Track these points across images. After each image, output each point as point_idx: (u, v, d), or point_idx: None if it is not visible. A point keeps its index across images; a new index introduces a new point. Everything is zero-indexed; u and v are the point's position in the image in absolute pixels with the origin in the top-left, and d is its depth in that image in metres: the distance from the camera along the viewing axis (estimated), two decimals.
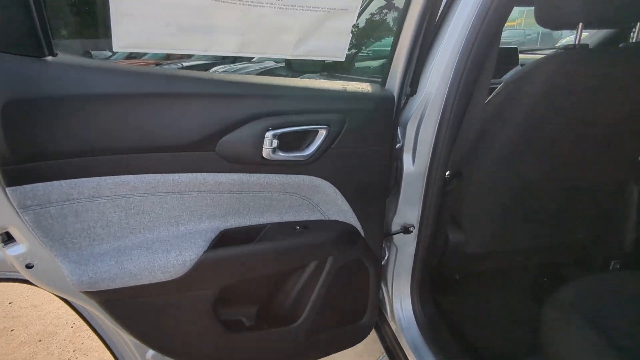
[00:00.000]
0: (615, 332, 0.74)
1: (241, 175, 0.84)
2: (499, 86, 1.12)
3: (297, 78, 0.88)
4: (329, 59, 0.90)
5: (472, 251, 1.27)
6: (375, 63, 2.30)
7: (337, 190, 0.95)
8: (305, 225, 0.95)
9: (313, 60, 1.74)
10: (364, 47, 2.37)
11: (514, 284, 1.52)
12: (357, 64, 2.31)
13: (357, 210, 0.99)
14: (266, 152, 0.83)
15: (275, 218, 0.94)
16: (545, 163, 1.10)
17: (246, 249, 0.86)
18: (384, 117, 0.94)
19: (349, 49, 0.90)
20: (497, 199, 1.18)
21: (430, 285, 1.25)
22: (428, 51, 0.96)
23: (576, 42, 0.96)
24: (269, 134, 0.82)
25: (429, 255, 1.18)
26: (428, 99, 0.97)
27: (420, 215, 1.11)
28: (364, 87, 0.94)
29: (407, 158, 1.05)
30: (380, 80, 1.02)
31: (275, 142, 0.83)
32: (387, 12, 2.20)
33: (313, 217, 0.97)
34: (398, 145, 1.03)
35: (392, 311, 1.25)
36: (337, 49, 0.88)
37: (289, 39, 0.82)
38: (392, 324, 1.26)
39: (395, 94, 0.96)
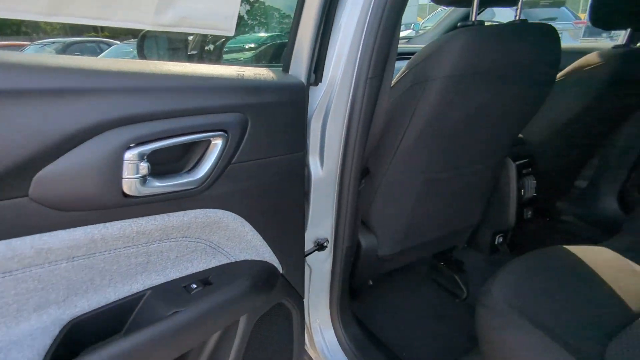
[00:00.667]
0: (555, 323, 0.70)
1: (87, 229, 0.49)
2: (402, 69, 1.00)
3: (170, 62, 0.55)
4: (212, 32, 0.61)
5: (385, 253, 1.17)
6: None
7: (245, 221, 0.67)
8: (206, 278, 0.65)
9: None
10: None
11: (423, 278, 1.51)
12: None
13: (273, 240, 0.74)
14: (129, 184, 0.50)
15: (157, 279, 0.61)
16: (449, 151, 1.05)
17: (114, 350, 0.51)
18: (296, 112, 0.70)
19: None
20: (406, 195, 1.09)
21: (349, 301, 1.10)
22: (332, 25, 0.75)
23: (474, 19, 0.90)
24: (130, 154, 0.49)
25: (346, 270, 1.02)
26: (333, 88, 0.78)
27: (334, 226, 0.93)
28: (266, 73, 0.67)
29: (314, 162, 0.84)
30: (282, 66, 0.77)
31: (144, 167, 0.50)
32: None
33: (214, 263, 0.68)
34: None
35: (312, 343, 1.05)
36: (222, 17, 0.60)
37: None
38: (314, 356, 1.07)
39: (305, 82, 0.73)
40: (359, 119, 0.81)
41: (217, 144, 0.57)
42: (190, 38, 1.59)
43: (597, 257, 0.88)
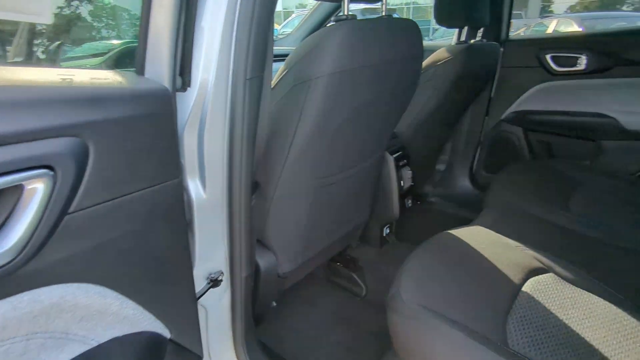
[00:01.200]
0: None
1: None
2: (280, 69, 0.91)
3: None
4: (22, 18, 0.39)
5: (286, 271, 1.07)
6: None
7: (105, 289, 0.48)
8: None
9: None
10: None
11: (322, 283, 1.46)
12: None
13: (151, 300, 0.56)
14: None
15: None
16: (338, 152, 1.01)
17: None
18: (160, 127, 0.53)
19: None
20: (300, 205, 1.01)
21: (254, 330, 0.97)
22: (195, 15, 0.61)
23: (347, 13, 0.87)
24: None
25: (247, 300, 0.88)
26: (207, 93, 0.63)
27: (228, 255, 0.80)
28: (110, 77, 0.49)
29: (193, 184, 0.69)
30: (135, 69, 0.58)
31: None
32: None
33: (65, 357, 0.46)
34: None
35: None
36: None
37: None
38: None
39: (169, 87, 0.56)
40: (243, 126, 0.69)
41: (37, 189, 0.37)
42: (13, 39, 1.17)
43: (476, 237, 0.94)
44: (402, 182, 1.43)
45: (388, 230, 1.52)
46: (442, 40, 5.15)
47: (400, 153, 1.45)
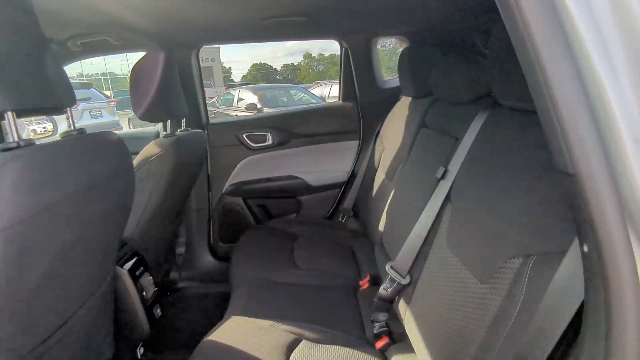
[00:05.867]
0: None
1: None
2: None
3: None
4: None
5: None
6: None
7: None
8: None
9: None
10: None
11: None
12: None
13: None
14: None
15: None
16: (48, 306, 0.79)
17: None
18: None
19: None
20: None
21: None
22: None
23: (18, 139, 0.66)
24: None
25: None
26: None
27: None
28: None
29: None
30: None
31: None
32: None
33: None
34: None
35: None
36: None
37: None
38: None
39: None
40: None
41: None
42: None
43: (235, 333, 0.96)
44: (144, 292, 1.29)
45: (142, 349, 1.32)
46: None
47: (135, 260, 1.31)
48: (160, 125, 1.68)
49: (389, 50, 7.85)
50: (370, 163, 1.82)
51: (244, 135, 1.96)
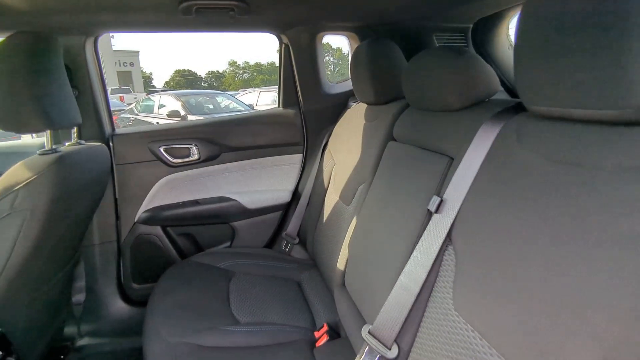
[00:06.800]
0: None
1: None
2: None
3: None
4: None
5: None
6: None
7: None
8: None
9: None
10: None
11: None
12: None
13: None
14: None
15: None
16: None
17: None
18: None
19: None
20: None
21: None
22: None
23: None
24: None
25: None
26: None
27: None
28: None
29: None
30: None
31: None
32: None
33: None
34: None
35: None
36: None
37: None
38: None
39: None
40: None
41: None
42: None
43: None
44: None
45: None
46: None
47: None
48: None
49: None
50: (317, 180, 1.56)
51: (161, 149, 1.58)
